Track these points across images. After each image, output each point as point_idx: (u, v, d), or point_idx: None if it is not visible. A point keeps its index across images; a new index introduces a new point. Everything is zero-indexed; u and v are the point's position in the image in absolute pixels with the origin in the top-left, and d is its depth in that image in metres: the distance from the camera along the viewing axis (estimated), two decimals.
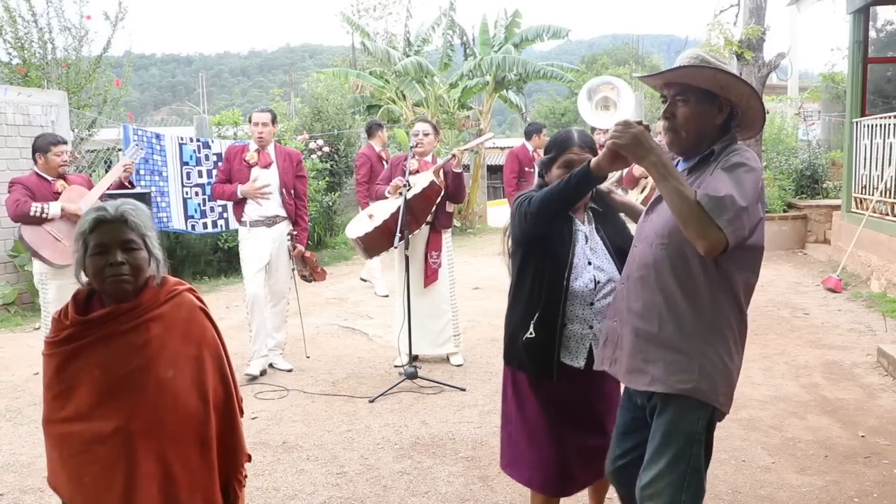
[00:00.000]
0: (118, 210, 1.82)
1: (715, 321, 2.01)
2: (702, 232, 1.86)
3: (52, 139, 4.63)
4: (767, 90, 11.70)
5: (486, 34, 15.16)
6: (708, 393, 2.01)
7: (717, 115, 2.04)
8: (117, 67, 10.06)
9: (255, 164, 4.94)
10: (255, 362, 4.98)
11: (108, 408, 1.76)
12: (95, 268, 1.79)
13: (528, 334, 2.39)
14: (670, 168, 1.93)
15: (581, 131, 2.54)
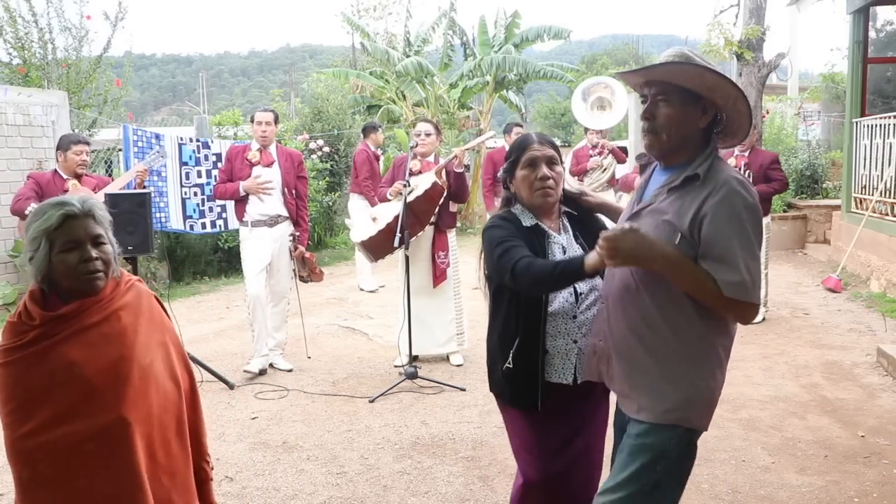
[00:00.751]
0: (85, 204, 1.77)
1: (702, 348, 1.91)
2: (737, 314, 1.87)
3: (73, 138, 4.73)
4: (767, 90, 11.69)
5: (486, 34, 15.16)
6: (692, 420, 1.94)
7: (702, 117, 1.91)
8: (117, 67, 10.05)
9: (257, 163, 4.94)
10: (255, 360, 4.99)
11: (97, 402, 1.71)
12: (67, 265, 1.73)
13: (506, 364, 2.23)
14: (682, 263, 1.82)
15: (539, 133, 2.39)
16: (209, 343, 5.96)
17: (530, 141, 2.31)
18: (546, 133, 9.09)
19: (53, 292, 1.76)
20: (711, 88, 1.86)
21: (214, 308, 7.43)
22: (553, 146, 2.31)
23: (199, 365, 4.79)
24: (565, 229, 2.31)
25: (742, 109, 1.89)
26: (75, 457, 1.70)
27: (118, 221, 4.26)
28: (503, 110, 19.44)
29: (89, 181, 4.78)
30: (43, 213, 1.74)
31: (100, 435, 1.71)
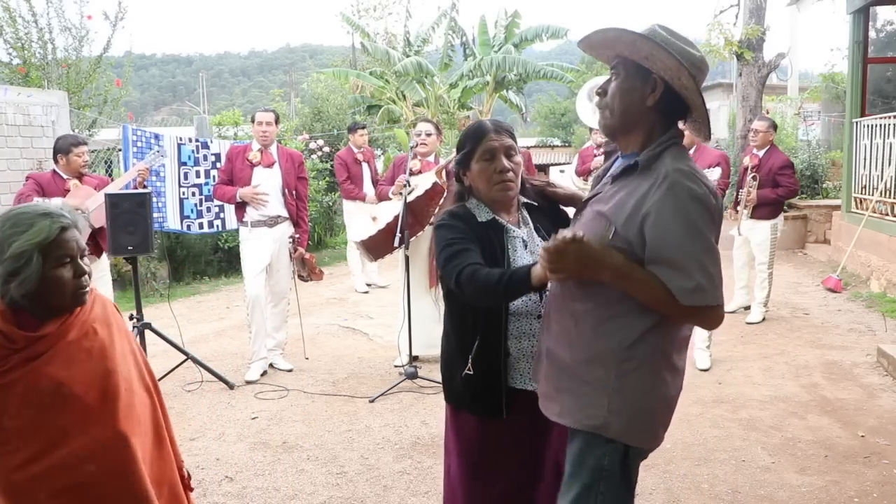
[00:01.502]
0: (72, 214, 1.66)
1: (633, 354, 1.71)
2: (700, 320, 1.71)
3: (72, 140, 4.71)
4: (767, 90, 11.71)
5: (486, 34, 15.17)
6: (619, 430, 1.74)
7: (650, 94, 1.72)
8: (117, 67, 10.05)
9: (257, 164, 4.94)
10: (255, 366, 4.98)
11: (92, 421, 1.63)
12: (62, 281, 1.61)
13: (466, 371, 2.06)
14: (633, 272, 1.65)
15: (494, 120, 2.19)
16: (209, 343, 5.96)
17: (486, 130, 2.11)
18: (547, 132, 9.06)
19: (24, 310, 1.61)
20: (648, 58, 1.69)
21: (214, 308, 7.43)
22: (511, 134, 2.12)
23: (200, 365, 4.79)
24: (525, 222, 2.13)
25: (688, 85, 1.69)
26: (77, 480, 1.61)
27: (118, 221, 4.33)
28: (503, 110, 19.45)
29: (90, 181, 4.79)
30: (29, 224, 1.57)
31: (100, 454, 1.64)
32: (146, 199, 4.44)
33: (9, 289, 1.57)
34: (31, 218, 1.59)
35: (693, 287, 1.61)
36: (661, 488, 3.27)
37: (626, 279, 1.65)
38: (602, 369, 1.73)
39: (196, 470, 3.58)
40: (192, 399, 4.60)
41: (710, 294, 1.62)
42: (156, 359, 5.08)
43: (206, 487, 3.39)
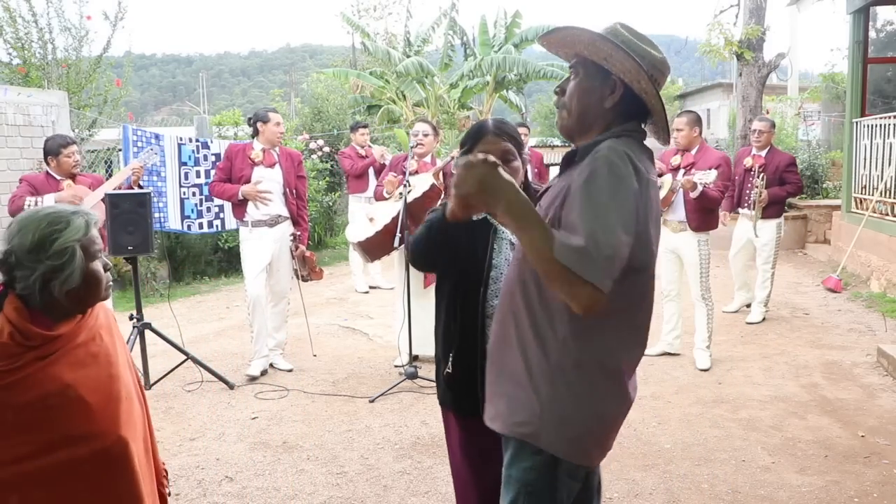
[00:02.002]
0: (91, 211, 1.67)
1: (569, 363, 1.63)
2: (569, 292, 1.49)
3: (61, 141, 4.66)
4: (767, 90, 11.71)
5: (486, 34, 15.17)
6: (549, 440, 1.65)
7: (609, 96, 1.66)
8: (117, 67, 10.05)
9: (259, 163, 4.93)
10: (256, 363, 4.98)
11: (97, 424, 1.62)
12: (98, 276, 1.62)
13: (447, 369, 2.11)
14: (526, 214, 1.51)
15: (498, 119, 2.18)
16: (209, 343, 5.96)
17: (485, 131, 2.10)
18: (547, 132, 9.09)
19: (37, 310, 1.60)
20: (607, 59, 1.64)
21: (214, 308, 7.43)
22: (512, 137, 2.10)
23: (200, 365, 4.79)
24: None
25: (647, 89, 1.63)
26: (74, 481, 1.60)
27: (118, 221, 4.33)
28: (503, 110, 19.45)
29: (84, 180, 4.76)
30: (67, 222, 1.58)
31: (101, 456, 1.63)
32: (146, 199, 4.44)
33: (50, 287, 1.57)
34: (66, 216, 1.60)
35: (575, 247, 1.46)
36: (661, 488, 3.27)
37: (518, 218, 1.51)
38: (538, 375, 1.65)
39: (196, 470, 3.58)
40: (192, 399, 4.60)
41: (591, 267, 1.46)
42: (156, 359, 5.08)
43: (206, 487, 3.39)
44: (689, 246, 4.95)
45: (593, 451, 1.72)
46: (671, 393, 4.51)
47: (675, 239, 5.04)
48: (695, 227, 4.91)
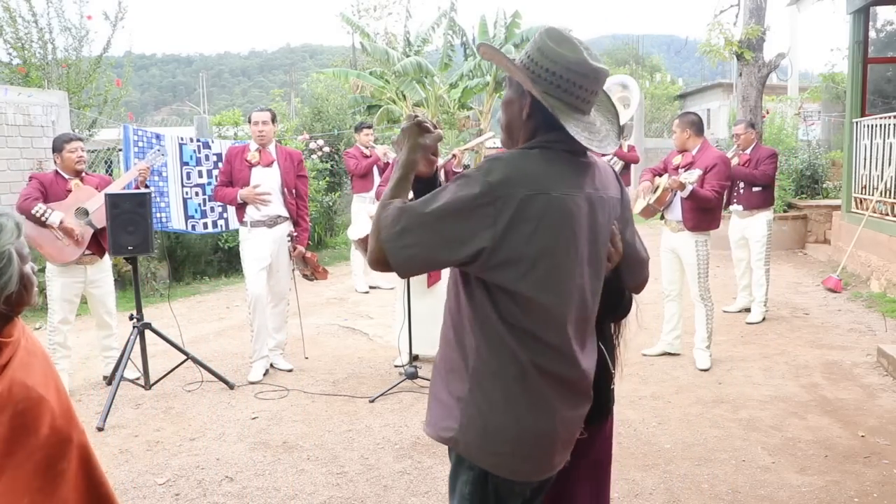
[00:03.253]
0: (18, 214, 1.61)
1: (485, 367, 1.59)
2: (371, 256, 1.60)
3: (64, 137, 4.72)
4: (767, 90, 11.70)
5: (487, 34, 15.17)
6: (470, 449, 1.62)
7: (524, 106, 1.65)
8: (118, 67, 10.05)
9: (256, 164, 4.94)
10: (257, 366, 4.98)
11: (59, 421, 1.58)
12: (32, 279, 1.55)
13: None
14: (400, 170, 1.68)
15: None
16: (209, 343, 5.96)
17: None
18: None
19: None
20: (509, 70, 1.66)
21: (214, 308, 7.43)
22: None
23: (200, 365, 4.79)
24: None
25: (546, 97, 1.59)
26: (51, 482, 1.56)
27: (118, 221, 4.33)
28: None
29: (91, 180, 4.79)
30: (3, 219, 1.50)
31: (71, 452, 1.59)
32: (146, 199, 4.44)
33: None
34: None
35: (385, 216, 1.57)
36: (661, 488, 3.27)
37: (397, 169, 1.70)
38: (459, 379, 1.63)
39: (196, 470, 3.58)
40: (192, 399, 4.60)
41: (385, 234, 1.55)
42: (156, 359, 5.09)
43: (206, 487, 3.39)
44: (687, 246, 4.95)
45: (522, 467, 1.63)
46: (671, 393, 4.51)
47: (674, 239, 5.04)
48: (691, 226, 4.91)
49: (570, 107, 1.60)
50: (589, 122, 1.64)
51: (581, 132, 1.59)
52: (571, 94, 1.60)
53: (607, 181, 1.71)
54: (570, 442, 1.71)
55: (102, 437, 4.01)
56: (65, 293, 4.64)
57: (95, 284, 4.76)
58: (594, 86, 1.61)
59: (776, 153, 6.40)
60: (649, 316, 6.40)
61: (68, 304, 4.68)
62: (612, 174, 1.77)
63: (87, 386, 4.93)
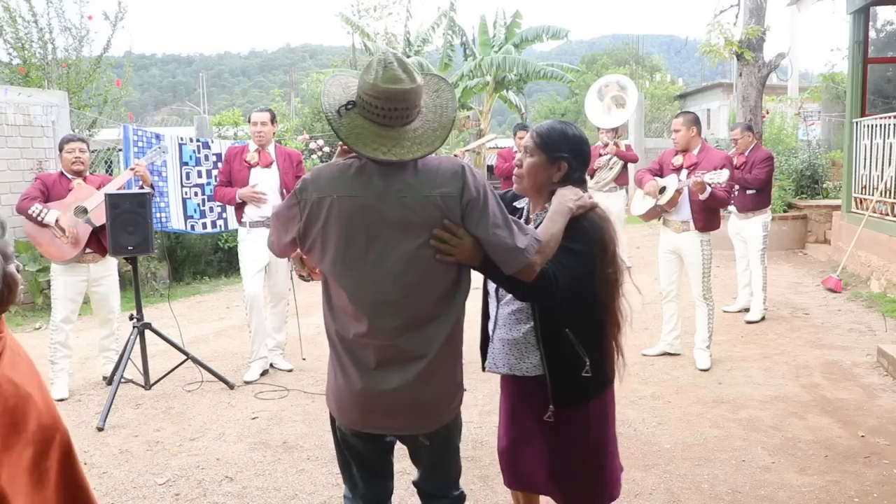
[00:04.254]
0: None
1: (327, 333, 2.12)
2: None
3: (66, 138, 4.80)
4: (767, 90, 11.69)
5: (486, 34, 15.18)
6: (327, 400, 2.17)
7: None
8: (118, 67, 10.06)
9: (255, 165, 4.94)
10: (255, 365, 4.98)
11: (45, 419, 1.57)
12: (16, 277, 1.56)
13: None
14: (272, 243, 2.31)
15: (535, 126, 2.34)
16: (209, 343, 5.96)
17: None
18: None
19: None
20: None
21: (214, 308, 7.43)
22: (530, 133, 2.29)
23: (200, 365, 4.79)
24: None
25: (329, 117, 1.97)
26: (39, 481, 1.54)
27: (118, 221, 4.33)
28: (503, 110, 19.46)
29: (94, 180, 4.82)
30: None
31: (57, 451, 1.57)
32: (146, 199, 4.44)
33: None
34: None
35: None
36: (661, 488, 3.27)
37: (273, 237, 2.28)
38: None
39: (196, 470, 3.58)
40: (192, 399, 4.60)
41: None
42: (156, 359, 5.09)
43: (206, 487, 3.39)
44: (693, 246, 4.94)
45: (341, 417, 2.08)
46: (671, 393, 4.51)
47: (676, 239, 5.02)
48: (700, 227, 4.90)
49: (374, 123, 1.89)
50: (390, 136, 1.88)
51: (370, 144, 1.87)
52: (372, 112, 1.88)
53: (426, 183, 1.90)
54: (386, 410, 1.99)
55: (102, 437, 4.01)
56: (67, 291, 4.66)
57: (98, 283, 4.76)
58: (389, 104, 1.86)
59: (772, 156, 6.38)
60: (649, 316, 6.40)
61: (70, 303, 4.69)
62: (442, 176, 1.91)
63: (87, 386, 4.93)
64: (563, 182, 2.16)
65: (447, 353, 1.99)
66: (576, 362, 2.14)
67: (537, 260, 1.94)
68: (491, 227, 1.90)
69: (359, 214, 1.89)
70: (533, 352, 2.18)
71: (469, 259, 1.94)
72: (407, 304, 1.92)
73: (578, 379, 2.15)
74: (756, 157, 6.24)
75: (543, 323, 2.14)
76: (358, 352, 1.98)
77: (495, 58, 13.82)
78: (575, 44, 46.86)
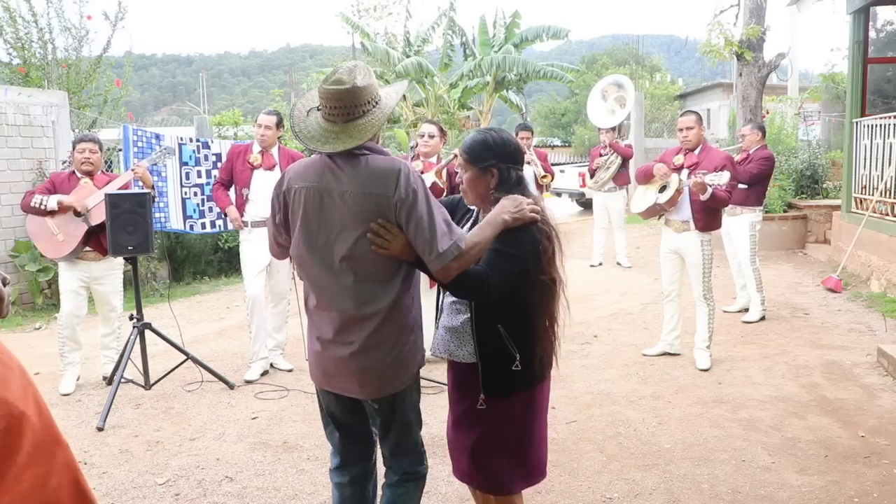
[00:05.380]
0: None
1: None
2: None
3: (79, 137, 4.89)
4: (767, 90, 11.69)
5: (486, 34, 15.18)
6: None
7: None
8: (118, 67, 10.05)
9: (258, 167, 4.94)
10: (255, 365, 4.98)
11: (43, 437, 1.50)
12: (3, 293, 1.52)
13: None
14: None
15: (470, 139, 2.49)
16: (209, 343, 5.96)
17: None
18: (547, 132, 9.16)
19: None
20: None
21: (214, 308, 7.43)
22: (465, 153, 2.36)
23: (200, 365, 4.79)
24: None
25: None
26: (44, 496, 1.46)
27: (118, 221, 4.33)
28: (503, 110, 19.46)
29: (101, 179, 4.85)
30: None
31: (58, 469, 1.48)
32: (146, 199, 4.43)
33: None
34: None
35: None
36: (661, 488, 3.27)
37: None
38: None
39: (196, 470, 3.58)
40: (192, 399, 4.60)
41: None
42: (156, 359, 5.09)
43: (206, 487, 3.39)
44: (693, 246, 4.93)
45: (312, 373, 2.39)
46: (671, 393, 4.51)
47: (677, 239, 5.01)
48: (701, 227, 4.89)
49: (326, 121, 2.19)
50: (333, 130, 2.17)
51: (317, 139, 2.19)
52: (324, 110, 2.19)
53: (366, 182, 2.15)
54: (339, 374, 2.27)
55: (102, 437, 4.01)
56: (70, 285, 4.74)
57: (99, 281, 4.78)
58: (330, 102, 2.15)
59: (771, 157, 6.36)
60: (649, 316, 6.40)
61: (74, 296, 4.74)
62: (379, 176, 2.15)
63: (87, 386, 4.93)
64: (501, 185, 2.30)
65: (390, 329, 2.22)
66: (506, 356, 2.26)
67: (453, 265, 2.11)
68: (414, 228, 2.11)
69: (312, 201, 2.20)
70: (469, 341, 2.32)
71: (402, 254, 2.16)
72: (352, 285, 2.19)
73: (508, 372, 2.27)
74: (756, 155, 6.25)
75: (478, 316, 2.28)
76: (318, 320, 2.29)
77: (495, 58, 13.81)
78: (575, 44, 46.84)
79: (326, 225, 2.19)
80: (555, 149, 29.75)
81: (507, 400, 2.30)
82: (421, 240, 2.11)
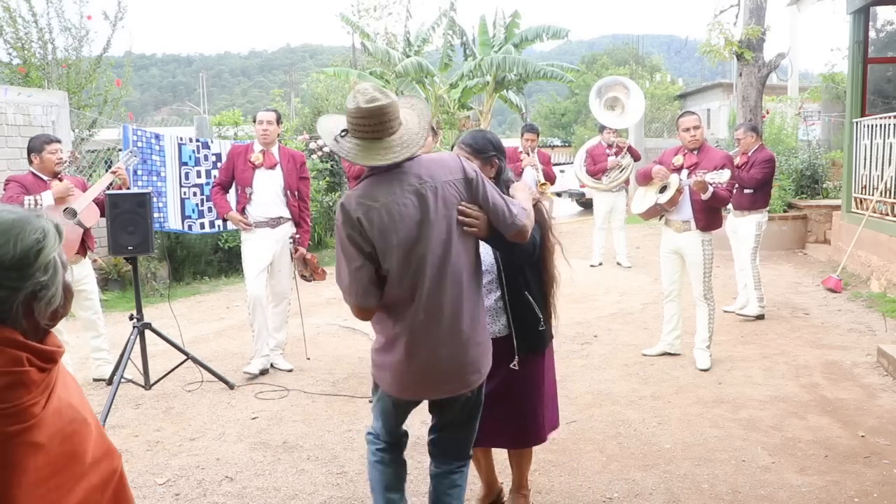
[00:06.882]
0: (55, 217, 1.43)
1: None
2: None
3: (45, 139, 4.61)
4: (767, 90, 11.68)
5: (486, 34, 15.17)
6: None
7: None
8: (118, 67, 10.05)
9: (259, 166, 4.93)
10: (256, 361, 4.99)
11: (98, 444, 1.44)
12: (72, 290, 1.40)
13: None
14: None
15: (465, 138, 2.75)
16: (209, 343, 5.96)
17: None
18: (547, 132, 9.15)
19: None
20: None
21: (214, 308, 7.43)
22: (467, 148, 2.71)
23: (200, 365, 4.79)
24: None
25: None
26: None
27: (118, 221, 4.33)
28: (503, 110, 19.47)
29: (71, 181, 4.69)
30: (44, 231, 1.31)
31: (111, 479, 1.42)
32: (146, 199, 4.44)
33: (33, 307, 1.30)
34: (40, 223, 1.32)
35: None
36: (662, 488, 3.27)
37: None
38: None
39: (196, 470, 3.58)
40: (192, 399, 4.60)
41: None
42: (156, 359, 5.08)
43: (206, 487, 3.39)
44: (694, 246, 4.93)
45: (377, 378, 2.51)
46: (671, 393, 4.51)
47: (678, 239, 5.01)
48: (702, 226, 4.89)
49: (365, 140, 2.23)
50: (382, 146, 2.23)
51: (368, 156, 2.23)
52: (362, 131, 2.22)
53: (441, 172, 2.30)
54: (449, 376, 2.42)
55: None
56: None
57: (80, 283, 4.75)
58: (373, 119, 2.20)
59: (773, 158, 6.37)
60: (649, 316, 6.40)
61: None
62: (449, 166, 2.33)
63: (86, 386, 4.92)
64: (497, 178, 2.62)
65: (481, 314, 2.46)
66: (533, 319, 2.73)
67: (527, 224, 2.41)
68: (491, 200, 2.34)
69: (388, 217, 2.23)
70: (501, 315, 2.71)
71: (485, 231, 2.35)
72: (458, 277, 2.31)
73: (536, 332, 2.75)
74: (757, 158, 6.24)
75: (510, 290, 2.67)
76: (421, 330, 2.33)
77: (495, 58, 13.81)
78: (575, 44, 46.84)
79: (423, 225, 2.25)
80: (555, 149, 29.74)
81: (539, 357, 2.77)
82: (499, 209, 2.34)
